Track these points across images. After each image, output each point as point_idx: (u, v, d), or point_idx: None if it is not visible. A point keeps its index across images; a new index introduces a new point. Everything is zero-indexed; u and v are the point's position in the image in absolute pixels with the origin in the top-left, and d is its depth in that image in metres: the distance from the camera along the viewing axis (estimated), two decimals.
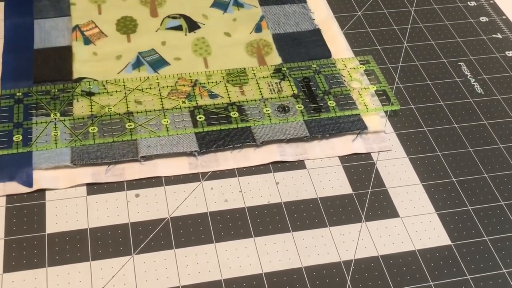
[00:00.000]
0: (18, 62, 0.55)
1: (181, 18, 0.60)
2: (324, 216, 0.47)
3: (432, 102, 0.56)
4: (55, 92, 0.52)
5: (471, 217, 0.48)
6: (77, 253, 0.43)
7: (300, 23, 0.61)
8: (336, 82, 0.55)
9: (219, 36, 0.59)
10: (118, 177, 0.47)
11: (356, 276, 0.43)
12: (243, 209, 0.47)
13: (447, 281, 0.44)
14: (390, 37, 0.62)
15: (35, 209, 0.45)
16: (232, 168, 0.49)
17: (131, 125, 0.50)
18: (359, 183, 0.49)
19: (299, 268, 0.44)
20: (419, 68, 0.59)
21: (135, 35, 0.58)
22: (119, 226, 0.45)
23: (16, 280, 0.42)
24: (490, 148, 0.52)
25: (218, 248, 0.44)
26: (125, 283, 0.42)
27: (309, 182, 0.49)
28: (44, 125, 0.50)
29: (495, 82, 0.58)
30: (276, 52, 0.58)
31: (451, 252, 0.45)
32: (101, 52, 0.56)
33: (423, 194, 0.49)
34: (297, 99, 0.53)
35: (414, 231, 0.46)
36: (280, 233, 0.45)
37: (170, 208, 0.46)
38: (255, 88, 0.54)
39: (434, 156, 0.51)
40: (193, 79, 0.54)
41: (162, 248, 0.44)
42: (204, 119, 0.51)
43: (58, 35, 0.57)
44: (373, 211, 0.47)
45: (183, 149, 0.49)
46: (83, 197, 0.46)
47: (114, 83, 0.53)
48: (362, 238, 0.46)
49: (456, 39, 0.62)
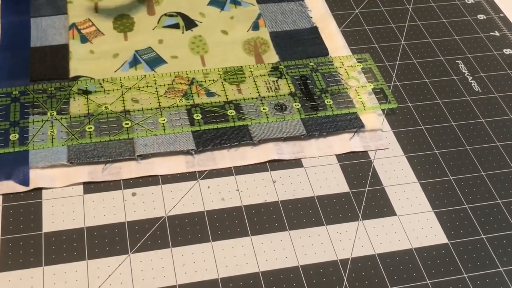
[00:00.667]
0: (14, 60, 0.54)
1: (178, 16, 0.60)
2: (321, 215, 0.47)
3: (429, 100, 0.56)
4: (51, 90, 0.52)
5: (468, 215, 0.48)
6: (74, 252, 0.43)
7: (297, 21, 0.61)
8: (333, 80, 0.55)
9: (216, 34, 0.59)
10: (114, 176, 0.47)
11: (353, 275, 0.43)
12: (240, 208, 0.47)
13: (444, 280, 0.44)
14: (387, 35, 0.61)
15: (32, 208, 0.45)
16: (229, 167, 0.49)
17: (127, 123, 0.50)
18: (356, 182, 0.49)
19: (296, 267, 0.44)
20: (416, 66, 0.59)
21: (132, 33, 0.58)
22: (115, 225, 0.45)
23: (13, 279, 0.41)
24: (487, 146, 0.52)
25: (215, 247, 0.44)
26: (121, 282, 0.42)
27: (306, 180, 0.49)
28: (41, 123, 0.50)
29: (492, 80, 0.58)
30: (273, 50, 0.58)
31: (448, 250, 0.45)
32: (98, 50, 0.56)
33: (420, 193, 0.49)
34: (294, 98, 0.53)
35: (411, 230, 0.46)
36: (277, 232, 0.45)
37: (166, 207, 0.46)
38: (252, 86, 0.54)
39: (431, 154, 0.51)
40: (190, 77, 0.54)
41: (159, 247, 0.44)
42: (201, 118, 0.51)
43: (55, 33, 0.57)
44: (370, 210, 0.47)
45: (180, 148, 0.49)
46: (79, 196, 0.46)
47: (111, 81, 0.53)
48: (359, 236, 0.46)
49: (454, 37, 0.62)
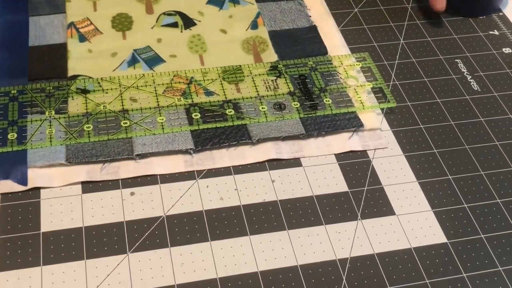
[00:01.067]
0: (12, 59, 0.54)
1: (176, 15, 0.60)
2: (320, 214, 0.46)
3: (428, 99, 0.56)
4: (50, 89, 0.52)
5: (467, 214, 0.47)
6: (72, 252, 0.43)
7: (296, 20, 0.61)
8: (332, 80, 0.55)
9: (215, 33, 0.59)
10: (113, 175, 0.47)
11: (352, 274, 0.43)
12: (238, 207, 0.46)
13: (442, 279, 0.44)
14: (386, 34, 0.61)
15: (30, 208, 0.45)
16: (227, 166, 0.49)
17: (126, 123, 0.50)
18: (355, 181, 0.49)
19: (295, 266, 0.43)
20: (415, 65, 0.59)
21: (130, 32, 0.58)
22: (114, 224, 0.45)
23: (11, 278, 0.41)
24: (486, 146, 0.52)
25: (213, 247, 0.44)
26: (120, 281, 0.42)
27: (305, 180, 0.49)
28: (39, 123, 0.49)
29: (491, 79, 0.58)
30: (272, 49, 0.58)
31: (447, 250, 0.45)
32: (96, 49, 0.56)
33: (419, 192, 0.49)
34: (293, 97, 0.53)
35: (410, 229, 0.46)
36: (275, 231, 0.45)
37: (165, 206, 0.46)
38: (251, 85, 0.54)
39: (430, 154, 0.51)
40: (189, 76, 0.54)
41: (157, 247, 0.44)
42: (199, 117, 0.51)
43: (53, 32, 0.57)
44: (369, 209, 0.47)
45: (179, 147, 0.49)
46: (78, 196, 0.46)
47: (109, 80, 0.53)
48: (358, 236, 0.45)
49: (453, 36, 0.62)
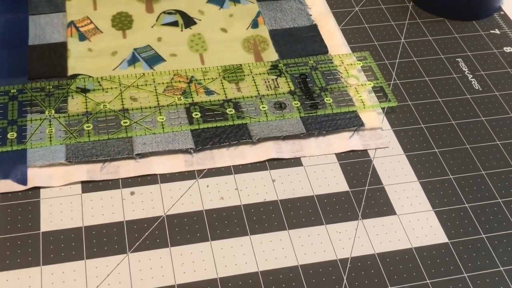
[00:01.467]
0: (12, 58, 0.54)
1: (177, 14, 0.60)
2: (321, 214, 0.46)
3: (429, 98, 0.55)
4: (49, 89, 0.52)
5: (468, 214, 0.47)
6: (72, 252, 0.43)
7: (297, 18, 0.61)
8: (333, 79, 0.55)
9: (216, 32, 0.59)
10: (113, 175, 0.47)
11: (353, 274, 0.43)
12: (239, 207, 0.46)
13: (444, 279, 0.43)
14: (387, 33, 0.61)
15: (30, 207, 0.45)
16: (228, 166, 0.49)
17: (126, 122, 0.50)
18: (356, 181, 0.49)
19: (295, 266, 0.43)
20: (416, 64, 0.58)
21: (130, 31, 0.58)
22: (114, 224, 0.45)
23: (11, 278, 0.41)
24: (487, 145, 0.52)
25: (213, 246, 0.44)
26: (120, 281, 0.42)
27: (306, 179, 0.48)
28: (39, 122, 0.49)
29: (493, 78, 0.58)
30: (272, 48, 0.57)
31: (448, 249, 0.45)
32: (96, 48, 0.56)
33: (420, 192, 0.48)
34: (294, 96, 0.53)
35: (411, 229, 0.46)
36: (276, 231, 0.45)
37: (165, 206, 0.46)
38: (252, 84, 0.54)
39: (431, 153, 0.51)
40: (189, 75, 0.54)
41: (157, 247, 0.44)
42: (200, 116, 0.51)
43: (53, 31, 0.57)
44: (370, 209, 0.47)
45: (179, 147, 0.49)
46: (78, 195, 0.46)
47: (109, 79, 0.53)
48: (359, 236, 0.45)
49: (454, 35, 0.62)
